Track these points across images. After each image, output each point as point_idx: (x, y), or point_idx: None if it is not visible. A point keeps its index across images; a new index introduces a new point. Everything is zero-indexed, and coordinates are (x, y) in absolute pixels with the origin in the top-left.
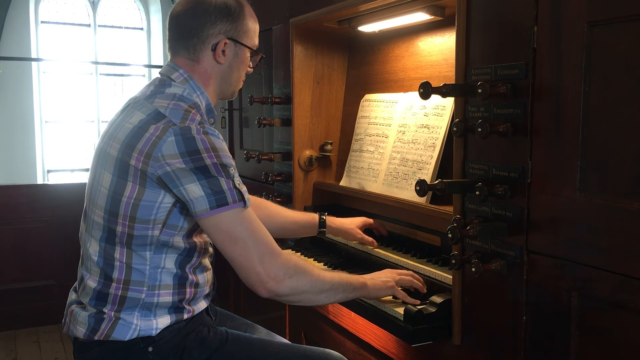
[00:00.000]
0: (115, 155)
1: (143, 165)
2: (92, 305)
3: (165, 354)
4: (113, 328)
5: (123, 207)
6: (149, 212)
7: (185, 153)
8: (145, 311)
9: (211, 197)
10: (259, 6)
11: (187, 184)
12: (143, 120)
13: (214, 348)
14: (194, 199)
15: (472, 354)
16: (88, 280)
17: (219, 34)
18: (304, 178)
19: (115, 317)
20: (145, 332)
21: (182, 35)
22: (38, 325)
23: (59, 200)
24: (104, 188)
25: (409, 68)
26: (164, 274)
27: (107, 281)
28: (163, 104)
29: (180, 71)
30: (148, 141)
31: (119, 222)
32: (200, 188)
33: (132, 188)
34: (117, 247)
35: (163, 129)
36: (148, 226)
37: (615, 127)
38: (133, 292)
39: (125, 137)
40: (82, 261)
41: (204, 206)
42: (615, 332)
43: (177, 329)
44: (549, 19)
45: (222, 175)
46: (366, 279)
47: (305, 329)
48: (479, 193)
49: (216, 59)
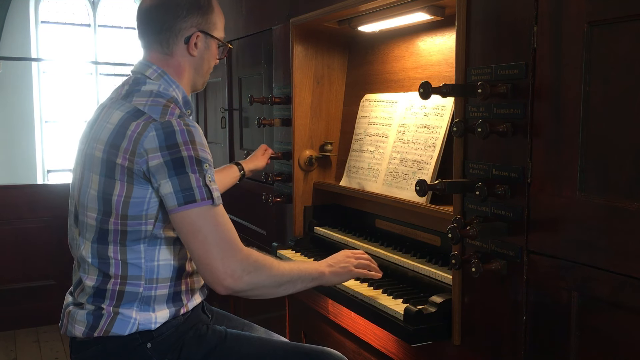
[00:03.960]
0: (100, 157)
1: (129, 163)
2: (90, 303)
3: (164, 350)
4: (112, 324)
5: (114, 206)
6: (139, 208)
7: (165, 147)
8: (144, 305)
9: (179, 194)
10: (259, 6)
11: (160, 180)
12: (123, 119)
13: (212, 345)
14: (164, 195)
15: (472, 354)
16: (86, 280)
17: (191, 27)
18: (304, 178)
19: (114, 312)
20: (144, 326)
21: (154, 29)
22: (38, 325)
23: (59, 200)
24: (94, 190)
25: (409, 68)
26: (161, 267)
27: (105, 278)
28: (141, 102)
29: (154, 67)
30: (131, 139)
31: (111, 221)
32: (170, 185)
33: (121, 186)
34: (110, 246)
35: (144, 125)
36: (141, 222)
37: (615, 127)
38: (131, 287)
39: (108, 138)
40: (79, 264)
41: (173, 203)
42: (615, 332)
43: (175, 325)
44: (549, 19)
45: (195, 171)
46: (323, 266)
47: (305, 329)
48: (479, 193)
49: (189, 51)
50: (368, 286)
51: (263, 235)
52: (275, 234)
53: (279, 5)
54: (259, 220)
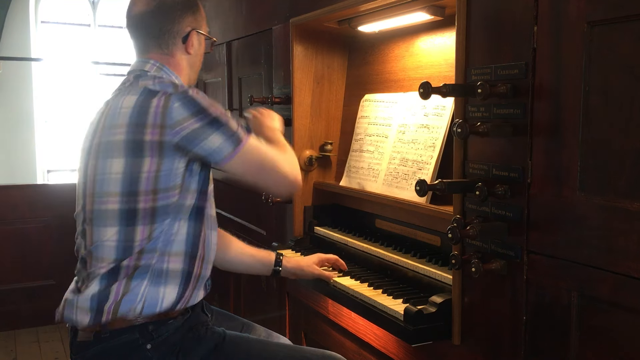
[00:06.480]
0: (123, 139)
1: (159, 136)
2: (99, 285)
3: (163, 351)
4: (119, 304)
5: (143, 182)
6: (167, 180)
7: (195, 113)
8: (155, 278)
9: (230, 139)
10: (259, 6)
11: (208, 137)
12: (139, 99)
13: (210, 347)
14: (216, 148)
15: (472, 354)
16: (98, 269)
17: (187, 26)
18: (304, 178)
19: (123, 291)
20: (149, 308)
21: (153, 34)
22: (38, 325)
23: (59, 200)
24: (116, 174)
25: (409, 68)
26: (176, 241)
27: (123, 258)
28: (149, 83)
29: (152, 62)
30: (156, 114)
31: (140, 199)
32: (220, 136)
33: (151, 162)
34: (137, 226)
35: (165, 99)
36: (168, 194)
37: (615, 127)
38: (145, 260)
39: (129, 119)
40: (90, 257)
41: (229, 149)
42: (615, 332)
43: (175, 326)
44: (549, 19)
45: (228, 121)
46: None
47: (305, 329)
48: (479, 193)
49: (187, 50)
50: (368, 286)
51: (263, 235)
52: (275, 234)
53: (279, 5)
54: (259, 220)
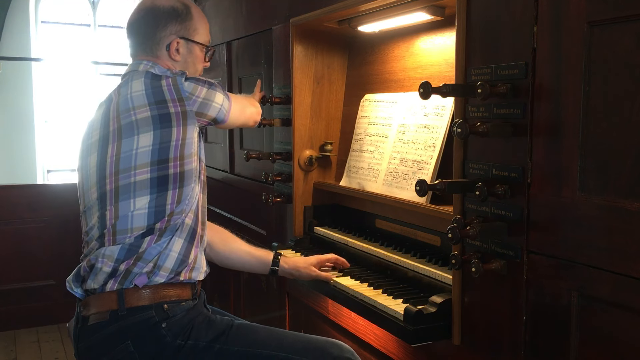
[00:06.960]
0: (148, 115)
1: (181, 108)
2: (130, 247)
3: (177, 331)
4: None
5: (172, 150)
6: (190, 147)
7: (198, 84)
8: (178, 232)
9: (224, 95)
10: (259, 6)
11: (214, 98)
12: (147, 81)
13: (220, 331)
14: (221, 105)
15: (472, 354)
16: (124, 239)
17: (171, 34)
18: (304, 178)
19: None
20: (162, 260)
21: (139, 40)
22: (38, 325)
23: (59, 200)
24: (144, 147)
25: (409, 68)
26: (190, 201)
27: (154, 222)
28: (150, 68)
29: (145, 62)
30: (170, 91)
31: (170, 165)
32: (219, 95)
33: (178, 131)
34: (169, 192)
35: (172, 79)
36: (192, 159)
37: (615, 127)
38: (174, 220)
39: (148, 99)
40: (111, 233)
41: (227, 103)
42: (615, 332)
43: (186, 308)
44: (549, 19)
45: (214, 82)
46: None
47: (305, 329)
48: (479, 193)
49: (172, 57)
50: (368, 286)
51: (263, 235)
52: (275, 234)
53: (279, 5)
54: (259, 220)
